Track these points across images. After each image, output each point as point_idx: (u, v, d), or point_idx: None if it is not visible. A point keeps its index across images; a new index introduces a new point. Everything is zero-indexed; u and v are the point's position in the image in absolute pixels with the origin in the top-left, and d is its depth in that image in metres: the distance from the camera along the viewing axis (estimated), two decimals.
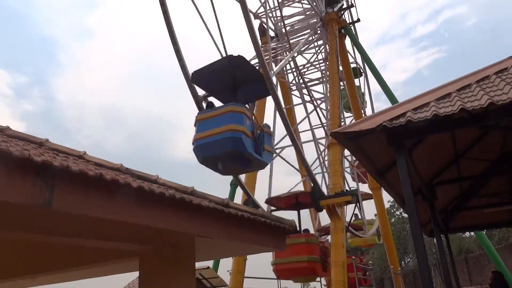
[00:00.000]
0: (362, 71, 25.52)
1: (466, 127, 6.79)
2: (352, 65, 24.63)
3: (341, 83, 22.62)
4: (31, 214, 3.68)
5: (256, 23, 20.56)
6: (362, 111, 24.17)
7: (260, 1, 19.79)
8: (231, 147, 10.26)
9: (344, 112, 24.55)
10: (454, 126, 5.62)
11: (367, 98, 25.99)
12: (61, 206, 3.13)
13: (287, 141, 17.86)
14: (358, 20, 25.52)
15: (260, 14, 21.48)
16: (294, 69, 23.14)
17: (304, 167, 15.68)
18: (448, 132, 7.76)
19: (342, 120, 23.16)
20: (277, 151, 19.45)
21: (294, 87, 24.57)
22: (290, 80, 24.43)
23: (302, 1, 23.41)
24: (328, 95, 19.69)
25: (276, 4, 21.56)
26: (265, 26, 21.63)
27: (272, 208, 17.26)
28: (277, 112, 16.21)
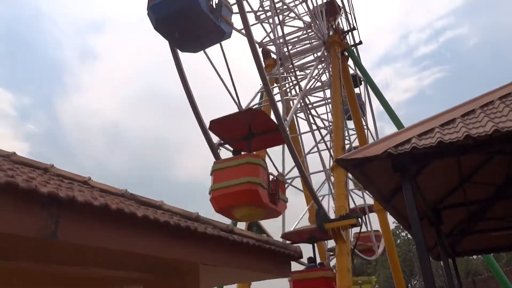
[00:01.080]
0: (362, 79, 25.57)
1: (471, 154, 6.77)
2: (351, 72, 24.77)
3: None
4: (33, 244, 3.67)
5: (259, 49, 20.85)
6: (365, 127, 24.21)
7: (265, 30, 20.17)
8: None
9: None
10: (459, 152, 5.61)
11: (368, 109, 26.00)
12: (66, 237, 3.12)
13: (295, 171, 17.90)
14: (360, 42, 25.82)
15: (265, 42, 21.85)
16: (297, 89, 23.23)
17: (309, 193, 15.66)
18: (453, 158, 7.74)
19: (347, 141, 23.12)
20: (288, 181, 19.49)
21: (299, 110, 24.60)
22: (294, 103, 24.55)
23: (305, 21, 23.69)
24: (331, 116, 19.77)
25: (280, 32, 21.84)
26: (270, 54, 22.05)
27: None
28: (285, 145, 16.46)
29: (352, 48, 24.71)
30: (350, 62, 24.54)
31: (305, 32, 23.42)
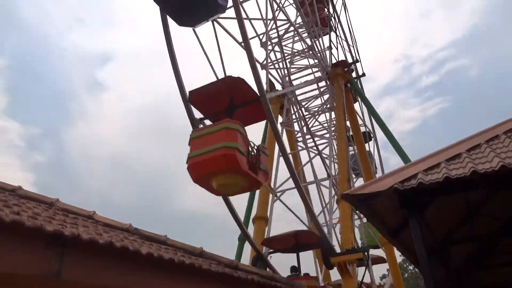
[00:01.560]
0: (372, 135, 25.49)
1: (478, 190, 6.70)
2: (362, 129, 24.67)
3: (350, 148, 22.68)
4: (37, 282, 3.62)
5: (262, 74, 21.05)
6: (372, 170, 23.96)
7: (267, 54, 20.44)
8: None
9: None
10: (466, 188, 5.56)
11: (377, 163, 25.72)
12: (70, 276, 3.08)
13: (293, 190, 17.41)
14: (363, 74, 26.13)
15: (266, 64, 21.98)
16: (300, 119, 23.14)
17: (311, 218, 15.22)
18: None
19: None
20: (278, 194, 19.07)
21: (300, 138, 24.60)
22: (297, 130, 24.46)
23: (308, 56, 24.10)
24: (334, 144, 19.67)
25: (281, 56, 22.15)
26: (271, 78, 22.24)
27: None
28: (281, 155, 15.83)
29: (356, 80, 25.01)
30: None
31: (308, 64, 23.78)
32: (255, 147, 11.77)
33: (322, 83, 23.70)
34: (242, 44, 13.43)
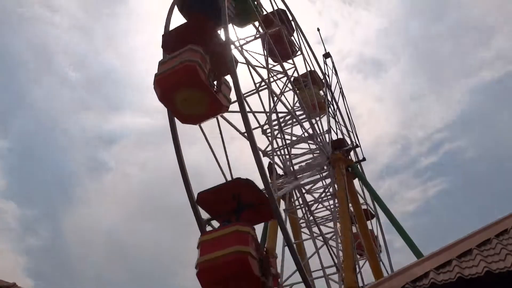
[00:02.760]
0: (373, 213, 25.22)
1: None
2: (363, 207, 24.44)
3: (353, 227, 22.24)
4: None
5: (265, 161, 21.29)
6: (376, 251, 23.21)
7: (268, 140, 20.89)
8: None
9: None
10: (480, 287, 5.30)
11: (381, 242, 25.04)
12: None
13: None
14: (364, 159, 26.39)
15: (268, 152, 22.34)
16: (303, 205, 22.89)
17: None
18: None
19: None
20: None
21: (303, 224, 24.10)
22: (300, 216, 24.11)
23: (309, 142, 24.55)
24: (339, 231, 19.16)
25: (283, 143, 22.56)
26: (273, 165, 22.43)
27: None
28: (286, 246, 15.33)
29: (356, 164, 25.23)
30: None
31: (309, 149, 24.16)
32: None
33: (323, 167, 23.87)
34: (245, 135, 13.79)
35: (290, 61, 25.00)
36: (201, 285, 10.48)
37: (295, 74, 25.03)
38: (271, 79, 21.68)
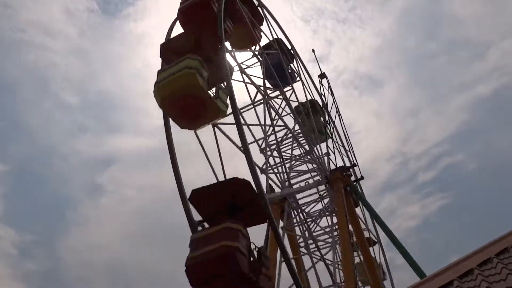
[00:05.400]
0: (375, 240, 24.93)
1: None
2: (365, 233, 24.19)
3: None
4: None
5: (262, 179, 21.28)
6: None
7: (266, 159, 20.94)
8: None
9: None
10: None
11: (385, 269, 24.74)
12: None
13: None
14: (362, 177, 26.43)
15: (265, 169, 22.25)
16: (301, 223, 22.65)
17: None
18: None
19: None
20: None
21: (302, 244, 23.84)
22: (298, 234, 23.81)
23: (307, 160, 24.60)
24: (338, 247, 18.96)
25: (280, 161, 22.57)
26: (271, 182, 22.38)
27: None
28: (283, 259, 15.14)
29: (355, 183, 25.25)
30: None
31: (307, 168, 24.21)
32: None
33: (322, 187, 23.87)
34: (242, 148, 13.94)
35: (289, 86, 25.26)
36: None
37: (293, 97, 25.21)
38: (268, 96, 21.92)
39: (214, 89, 14.10)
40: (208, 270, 10.21)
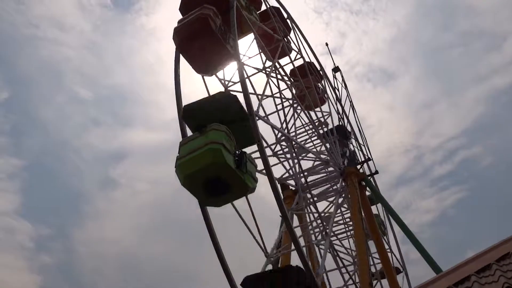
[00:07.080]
0: (401, 270, 24.51)
1: None
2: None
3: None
4: None
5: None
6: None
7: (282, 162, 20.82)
8: None
9: None
10: None
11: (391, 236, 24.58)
12: None
13: None
14: (376, 172, 26.09)
15: (284, 178, 22.06)
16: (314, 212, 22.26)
17: None
18: None
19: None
20: None
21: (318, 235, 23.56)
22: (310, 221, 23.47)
23: (320, 158, 24.30)
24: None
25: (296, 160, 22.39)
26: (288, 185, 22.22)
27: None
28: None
29: (369, 178, 25.00)
30: None
31: (322, 164, 24.00)
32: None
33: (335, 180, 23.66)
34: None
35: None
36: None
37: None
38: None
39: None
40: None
